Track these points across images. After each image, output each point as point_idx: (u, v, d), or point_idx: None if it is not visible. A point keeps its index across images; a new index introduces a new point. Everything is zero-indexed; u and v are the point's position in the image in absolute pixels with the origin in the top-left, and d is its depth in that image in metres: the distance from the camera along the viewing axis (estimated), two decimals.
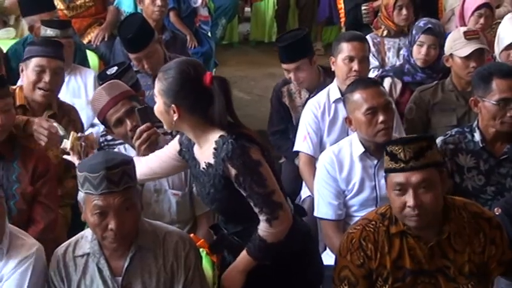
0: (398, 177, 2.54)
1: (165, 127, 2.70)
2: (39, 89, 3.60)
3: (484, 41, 3.99)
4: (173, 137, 3.07)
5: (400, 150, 2.53)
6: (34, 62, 3.61)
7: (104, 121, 3.24)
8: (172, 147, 2.84)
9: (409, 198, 2.52)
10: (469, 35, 3.92)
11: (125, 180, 2.40)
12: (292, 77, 4.21)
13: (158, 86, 2.63)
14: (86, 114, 4.31)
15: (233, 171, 2.52)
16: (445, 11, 5.72)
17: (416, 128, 3.87)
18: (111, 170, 2.37)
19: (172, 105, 2.58)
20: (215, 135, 2.58)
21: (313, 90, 4.17)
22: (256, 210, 2.56)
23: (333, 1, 6.63)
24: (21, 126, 3.25)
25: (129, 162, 2.46)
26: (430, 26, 4.26)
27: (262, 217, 2.57)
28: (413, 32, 4.31)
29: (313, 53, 4.27)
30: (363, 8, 5.75)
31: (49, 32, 4.23)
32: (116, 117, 3.17)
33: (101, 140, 3.71)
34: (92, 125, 4.30)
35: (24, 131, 3.24)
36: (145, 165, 2.86)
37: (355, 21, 5.83)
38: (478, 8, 4.82)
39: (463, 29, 4.08)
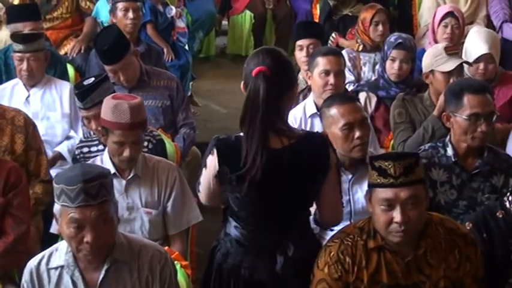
0: (387, 193, 2.53)
1: None
2: None
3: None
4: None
5: (390, 166, 2.52)
6: None
7: (104, 126, 3.20)
8: None
9: (397, 214, 2.51)
10: (450, 50, 3.97)
11: (102, 194, 2.39)
12: (303, 54, 4.46)
13: None
14: (61, 127, 4.29)
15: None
16: (420, 27, 5.78)
17: (412, 128, 3.91)
18: (88, 183, 2.36)
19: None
20: None
21: None
22: None
23: (310, 16, 6.66)
24: None
25: (106, 176, 2.45)
26: (400, 40, 4.30)
27: None
28: (385, 47, 4.35)
29: (325, 40, 4.75)
30: (332, 34, 5.67)
31: (14, 46, 4.23)
32: (121, 140, 3.15)
33: (76, 153, 3.70)
34: (68, 138, 4.29)
35: None
36: None
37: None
38: (443, 17, 4.88)
39: (443, 45, 4.12)
